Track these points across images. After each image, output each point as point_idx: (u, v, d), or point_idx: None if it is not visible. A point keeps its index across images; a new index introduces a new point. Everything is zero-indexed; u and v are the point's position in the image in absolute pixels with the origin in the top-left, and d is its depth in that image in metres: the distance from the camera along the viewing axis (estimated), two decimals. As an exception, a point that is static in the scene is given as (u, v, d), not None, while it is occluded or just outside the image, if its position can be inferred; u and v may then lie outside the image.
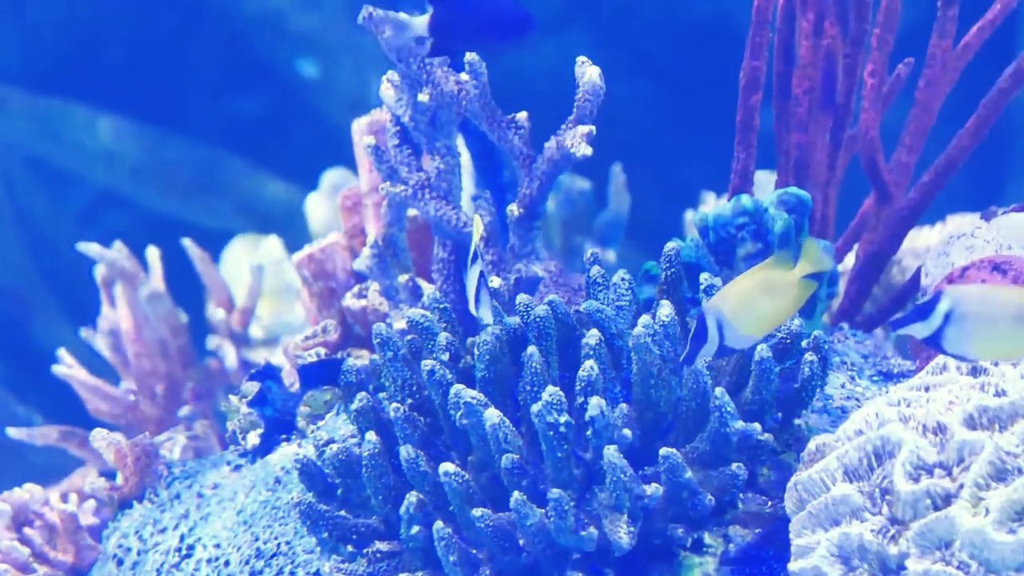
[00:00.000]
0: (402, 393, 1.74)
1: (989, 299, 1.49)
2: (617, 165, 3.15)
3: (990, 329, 1.48)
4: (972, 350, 1.49)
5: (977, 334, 1.48)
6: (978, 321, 1.48)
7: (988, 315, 1.48)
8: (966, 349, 1.49)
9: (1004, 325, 1.48)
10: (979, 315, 1.48)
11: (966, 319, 1.49)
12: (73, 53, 4.40)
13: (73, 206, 4.47)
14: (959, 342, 1.48)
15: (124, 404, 2.73)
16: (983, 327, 1.48)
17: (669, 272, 1.80)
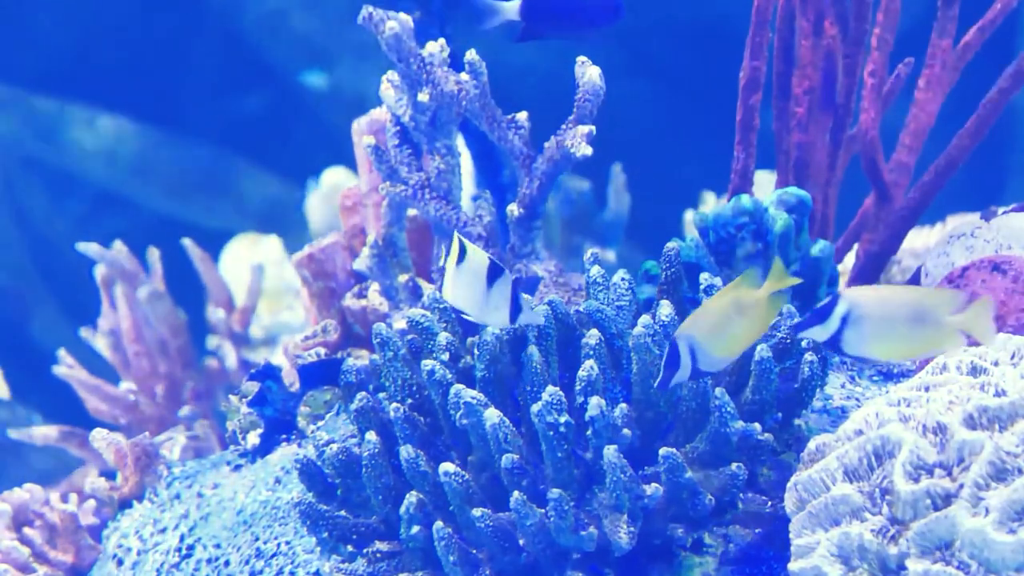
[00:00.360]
0: (402, 393, 1.74)
1: (885, 301, 1.52)
2: (617, 165, 3.15)
3: (887, 330, 1.51)
4: (870, 351, 1.52)
5: (874, 336, 1.51)
6: (874, 323, 1.51)
7: (884, 317, 1.51)
8: (864, 350, 1.52)
9: (900, 326, 1.51)
10: (875, 317, 1.51)
11: (863, 321, 1.51)
12: (73, 53, 4.40)
13: (73, 206, 4.47)
14: (857, 344, 1.51)
15: (124, 404, 2.73)
16: (880, 329, 1.51)
17: (669, 272, 1.80)
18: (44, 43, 4.41)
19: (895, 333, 1.51)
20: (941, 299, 1.52)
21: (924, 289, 1.54)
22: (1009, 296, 1.84)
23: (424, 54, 1.96)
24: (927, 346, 1.52)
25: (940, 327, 1.51)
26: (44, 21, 4.39)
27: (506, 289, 1.63)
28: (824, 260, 1.94)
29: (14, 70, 4.35)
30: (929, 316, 1.51)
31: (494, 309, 1.63)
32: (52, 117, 4.29)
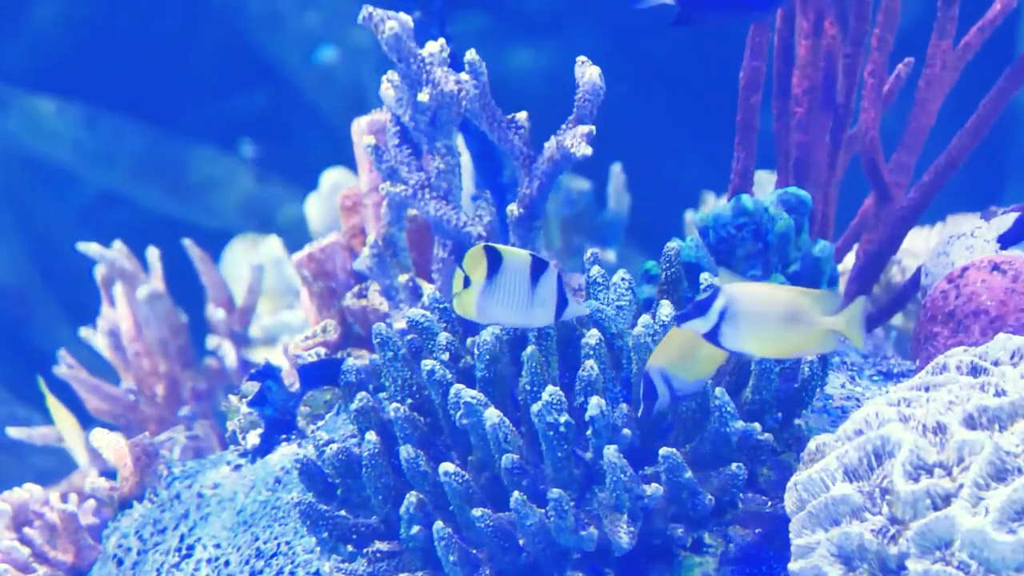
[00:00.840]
0: (402, 393, 1.74)
1: (762, 298, 1.55)
2: (617, 165, 3.15)
3: (761, 327, 1.54)
4: (745, 346, 1.55)
5: (748, 331, 1.54)
6: (749, 319, 1.54)
7: (758, 314, 1.54)
8: (740, 345, 1.55)
9: (775, 324, 1.54)
10: (750, 313, 1.54)
11: (739, 317, 1.54)
12: (73, 53, 4.40)
13: (73, 206, 4.47)
14: (733, 339, 1.54)
15: (124, 404, 2.73)
16: (755, 325, 1.54)
17: (669, 272, 1.80)
18: (44, 43, 4.41)
19: (769, 331, 1.55)
20: (816, 300, 1.55)
21: (802, 289, 1.58)
22: (1009, 296, 1.84)
23: (424, 54, 1.96)
24: (800, 345, 1.56)
25: (813, 327, 1.54)
26: (45, 21, 4.39)
27: (552, 283, 1.60)
28: (824, 260, 1.94)
29: (14, 70, 4.35)
30: (803, 316, 1.55)
31: (540, 307, 1.61)
32: (52, 117, 4.29)
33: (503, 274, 1.60)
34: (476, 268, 1.60)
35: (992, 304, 1.84)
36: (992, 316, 1.83)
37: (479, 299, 1.60)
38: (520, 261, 1.60)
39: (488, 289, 1.60)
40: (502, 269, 1.59)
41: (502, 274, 1.60)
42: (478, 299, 1.60)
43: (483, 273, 1.59)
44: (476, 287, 1.59)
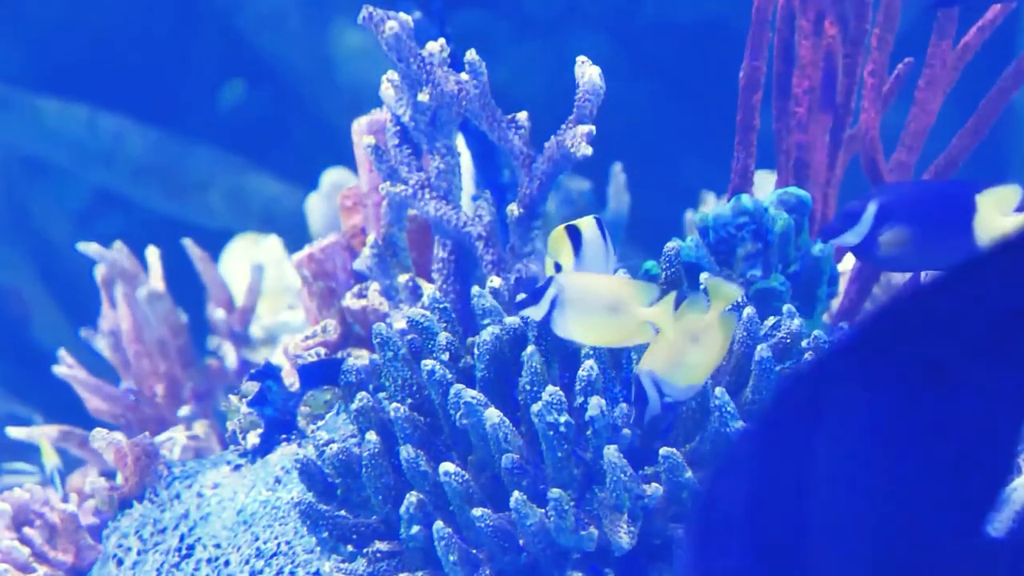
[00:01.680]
0: (402, 393, 1.74)
1: (588, 288, 1.58)
2: (617, 165, 3.15)
3: (587, 316, 1.58)
4: (573, 335, 1.59)
5: (575, 321, 1.58)
6: (576, 308, 1.57)
7: (585, 303, 1.57)
8: (569, 333, 1.59)
9: (598, 314, 1.57)
10: (577, 302, 1.57)
11: (567, 305, 1.57)
12: (73, 53, 4.40)
13: (73, 206, 4.47)
14: (563, 327, 1.58)
15: (124, 404, 2.73)
16: (581, 314, 1.57)
17: (669, 272, 1.80)
18: (44, 43, 4.41)
19: (593, 320, 1.58)
20: (636, 291, 1.58)
21: (626, 280, 1.61)
22: (1009, 296, 1.84)
23: (424, 54, 1.96)
24: (621, 336, 1.59)
25: (632, 319, 1.57)
26: (44, 21, 4.39)
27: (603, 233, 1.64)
28: (824, 260, 1.94)
29: (14, 70, 4.35)
30: (624, 307, 1.57)
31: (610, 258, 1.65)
32: (52, 117, 4.29)
33: (586, 249, 1.62)
34: (563, 251, 1.62)
35: (992, 304, 1.84)
36: (992, 316, 1.83)
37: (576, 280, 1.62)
38: (593, 232, 1.63)
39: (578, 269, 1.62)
40: (584, 245, 1.62)
41: (585, 249, 1.62)
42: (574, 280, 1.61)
43: (571, 255, 1.62)
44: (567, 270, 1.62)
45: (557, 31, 4.23)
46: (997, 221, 1.51)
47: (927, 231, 1.53)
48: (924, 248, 1.53)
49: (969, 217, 1.51)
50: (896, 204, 1.54)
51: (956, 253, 1.53)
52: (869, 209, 1.53)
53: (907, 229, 1.53)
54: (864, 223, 1.53)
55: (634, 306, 1.56)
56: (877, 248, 1.53)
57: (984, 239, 1.51)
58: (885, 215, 1.53)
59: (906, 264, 1.57)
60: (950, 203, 1.53)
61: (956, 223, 1.51)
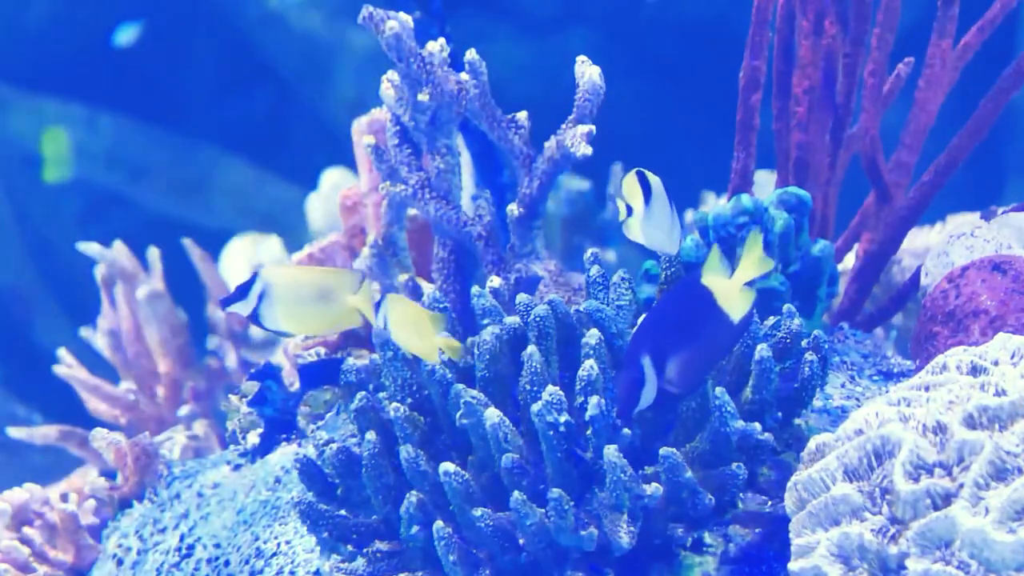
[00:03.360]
0: (402, 393, 1.74)
1: (296, 280, 1.65)
2: (617, 165, 3.15)
3: (296, 307, 1.65)
4: (283, 326, 1.66)
5: (284, 312, 1.65)
6: (285, 300, 1.64)
7: (294, 294, 1.64)
8: (278, 325, 1.65)
9: (308, 303, 1.65)
10: (286, 294, 1.64)
11: (275, 298, 1.64)
12: (73, 53, 4.40)
13: (73, 206, 4.47)
14: (272, 319, 1.64)
15: (124, 404, 2.73)
16: (290, 305, 1.64)
17: (669, 272, 1.80)
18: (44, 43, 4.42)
19: (303, 309, 1.65)
20: (343, 279, 1.66)
21: (331, 269, 1.71)
22: (1009, 296, 1.84)
23: (424, 54, 1.96)
24: (331, 322, 1.68)
25: (341, 306, 1.66)
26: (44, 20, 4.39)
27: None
28: (824, 259, 1.94)
29: (14, 70, 4.35)
30: (333, 295, 1.65)
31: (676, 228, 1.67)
32: (53, 117, 4.29)
33: (655, 195, 1.64)
34: (635, 196, 1.64)
35: (992, 304, 1.84)
36: (992, 316, 1.83)
37: (643, 224, 1.64)
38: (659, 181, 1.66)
39: (648, 213, 1.64)
40: (653, 194, 1.64)
41: (654, 195, 1.64)
42: (642, 224, 1.63)
43: (642, 200, 1.63)
44: (639, 214, 1.63)
45: (557, 30, 4.23)
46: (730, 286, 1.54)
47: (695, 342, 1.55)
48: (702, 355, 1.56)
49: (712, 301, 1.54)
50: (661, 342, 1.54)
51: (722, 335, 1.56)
52: (646, 364, 1.54)
53: (682, 354, 1.55)
54: (650, 379, 1.54)
55: (343, 293, 1.65)
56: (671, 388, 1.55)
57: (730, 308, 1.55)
58: (660, 360, 1.54)
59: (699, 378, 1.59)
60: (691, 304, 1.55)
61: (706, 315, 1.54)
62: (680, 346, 1.55)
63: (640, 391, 1.54)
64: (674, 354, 1.55)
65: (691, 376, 1.57)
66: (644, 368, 1.54)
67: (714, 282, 1.56)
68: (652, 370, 1.54)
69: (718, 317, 1.56)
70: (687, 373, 1.56)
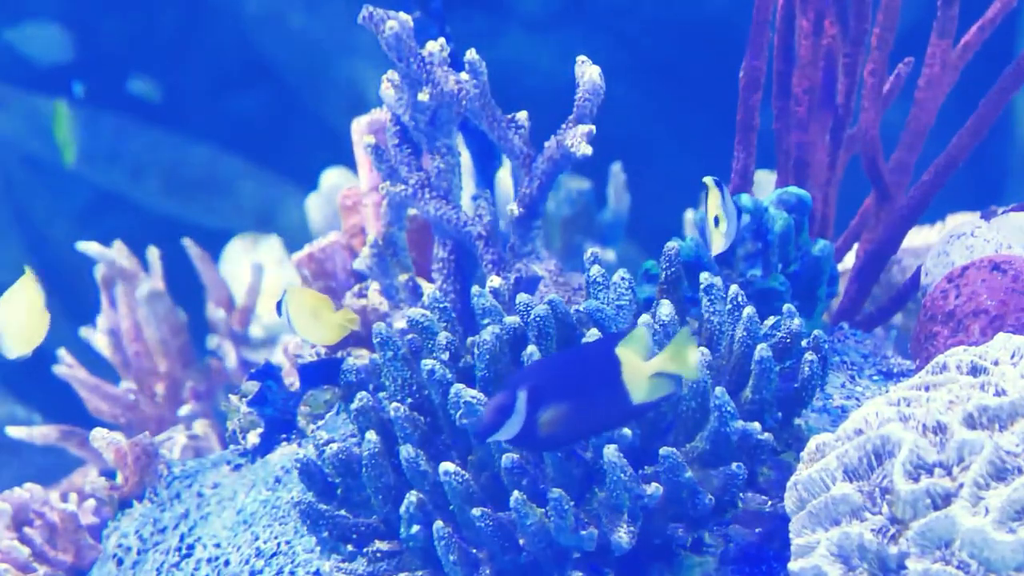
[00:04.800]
0: (402, 392, 1.74)
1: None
2: (617, 165, 3.15)
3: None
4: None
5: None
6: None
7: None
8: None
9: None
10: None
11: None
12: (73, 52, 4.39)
13: (73, 206, 4.47)
14: None
15: (124, 404, 2.73)
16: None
17: (669, 271, 1.80)
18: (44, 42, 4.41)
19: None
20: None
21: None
22: (1009, 296, 1.84)
23: (424, 53, 1.96)
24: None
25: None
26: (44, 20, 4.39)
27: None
28: (824, 259, 1.94)
29: (14, 69, 4.35)
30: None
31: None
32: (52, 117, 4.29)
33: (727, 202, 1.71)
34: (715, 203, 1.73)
35: (992, 304, 1.84)
36: (992, 316, 1.83)
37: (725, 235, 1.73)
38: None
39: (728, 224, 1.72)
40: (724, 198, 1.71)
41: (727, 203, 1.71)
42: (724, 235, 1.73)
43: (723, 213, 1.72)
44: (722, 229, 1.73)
45: (557, 30, 4.23)
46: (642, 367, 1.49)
47: (581, 401, 1.51)
48: (584, 416, 1.50)
49: (616, 372, 1.50)
50: (544, 385, 1.50)
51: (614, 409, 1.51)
52: (520, 398, 1.50)
53: (562, 405, 1.50)
54: (519, 413, 1.49)
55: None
56: (539, 432, 1.50)
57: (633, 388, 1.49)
58: (537, 399, 1.49)
59: (571, 437, 1.55)
60: (594, 366, 1.51)
61: (605, 383, 1.49)
62: (562, 398, 1.49)
63: (504, 420, 1.49)
64: (553, 402, 1.49)
65: (562, 431, 1.50)
66: (517, 400, 1.48)
67: (628, 357, 1.50)
68: (524, 407, 1.49)
69: (616, 390, 1.50)
70: (559, 427, 1.50)
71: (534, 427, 1.49)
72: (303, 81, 4.39)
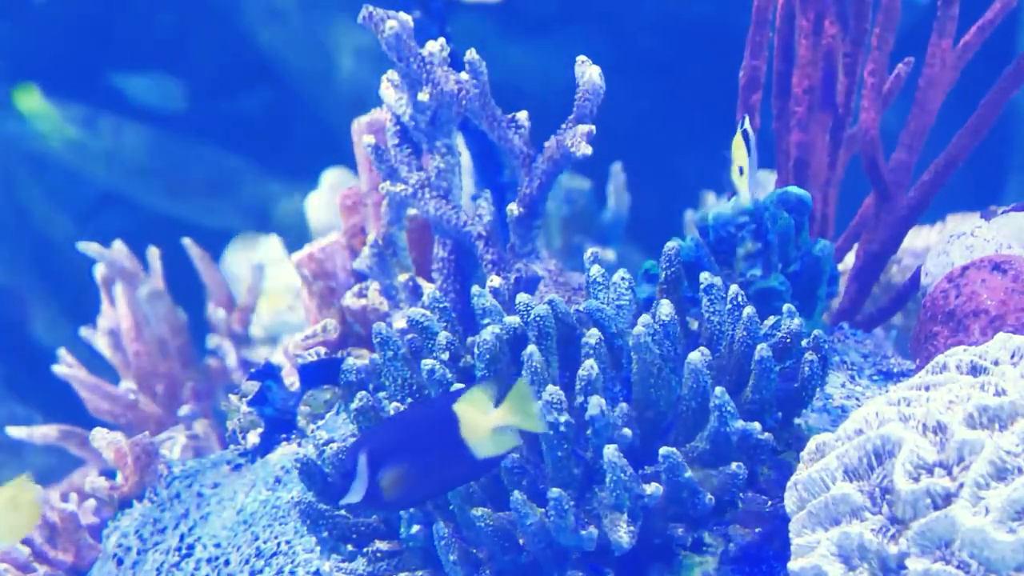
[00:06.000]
0: (402, 392, 1.74)
1: None
2: (617, 164, 3.15)
3: None
4: None
5: None
6: None
7: None
8: None
9: None
10: None
11: None
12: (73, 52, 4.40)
13: (73, 206, 4.47)
14: None
15: (124, 403, 2.73)
16: None
17: (669, 271, 1.80)
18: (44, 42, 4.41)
19: None
20: None
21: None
22: (1009, 296, 1.84)
23: (424, 53, 1.96)
24: None
25: None
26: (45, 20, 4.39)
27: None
28: (824, 259, 1.94)
29: (14, 69, 4.35)
30: None
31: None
32: (52, 117, 4.29)
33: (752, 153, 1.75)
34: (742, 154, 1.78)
35: (992, 304, 1.84)
36: (992, 316, 1.83)
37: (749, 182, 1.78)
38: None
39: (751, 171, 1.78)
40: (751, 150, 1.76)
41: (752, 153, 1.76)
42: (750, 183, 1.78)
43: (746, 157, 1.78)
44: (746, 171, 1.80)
45: (557, 30, 4.23)
46: (482, 422, 1.49)
47: (422, 460, 1.51)
48: (427, 476, 1.52)
49: (455, 430, 1.50)
50: (384, 446, 1.50)
51: (458, 466, 1.52)
52: (361, 461, 1.51)
53: (402, 466, 1.52)
54: (361, 476, 1.51)
55: None
56: (382, 495, 1.52)
57: (474, 443, 1.49)
58: (376, 462, 1.51)
59: (417, 497, 1.56)
60: (433, 425, 1.52)
61: (445, 441, 1.50)
62: (400, 459, 1.51)
63: (349, 484, 1.52)
64: (391, 464, 1.51)
65: (405, 492, 1.52)
66: (358, 464, 1.51)
67: (466, 412, 1.50)
68: (365, 470, 1.51)
69: (457, 447, 1.50)
70: (401, 488, 1.52)
71: (377, 490, 1.51)
72: (303, 81, 4.39)
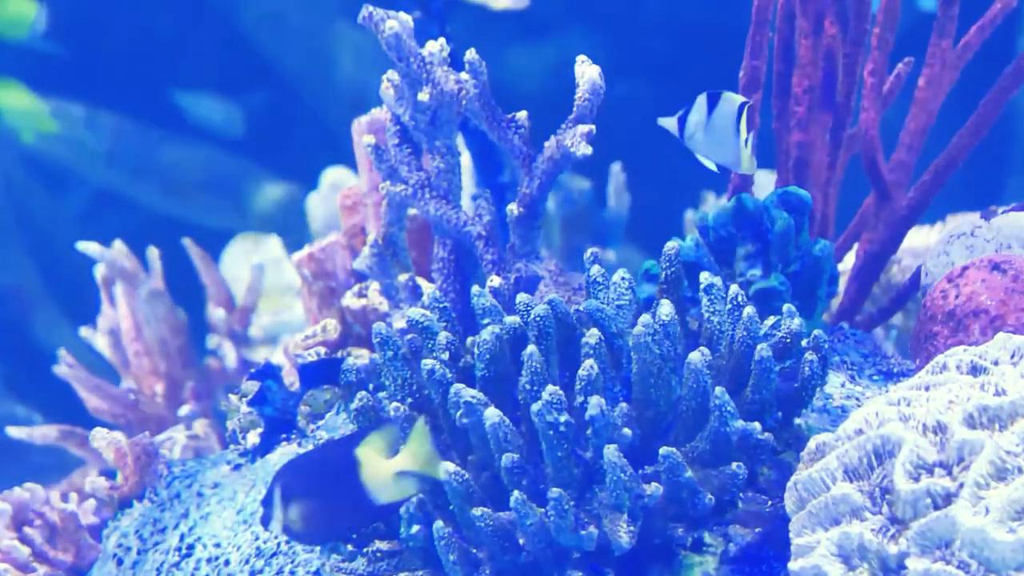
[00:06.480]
0: (402, 392, 1.74)
1: None
2: (617, 164, 3.15)
3: None
4: None
5: None
6: None
7: None
8: None
9: None
10: None
11: None
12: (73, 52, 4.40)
13: (73, 206, 4.47)
14: None
15: (124, 403, 2.73)
16: None
17: (669, 271, 1.80)
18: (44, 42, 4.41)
19: None
20: None
21: None
22: (1009, 296, 1.84)
23: (424, 53, 1.96)
24: None
25: None
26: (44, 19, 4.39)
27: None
28: (824, 259, 1.94)
29: (14, 69, 4.35)
30: None
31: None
32: (52, 117, 4.29)
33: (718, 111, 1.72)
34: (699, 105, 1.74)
35: (992, 304, 1.84)
36: (992, 316, 1.83)
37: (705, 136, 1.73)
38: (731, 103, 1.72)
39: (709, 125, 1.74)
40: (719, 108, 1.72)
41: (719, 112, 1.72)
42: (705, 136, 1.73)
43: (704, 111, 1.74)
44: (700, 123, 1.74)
45: (557, 30, 4.23)
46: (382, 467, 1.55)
47: (325, 500, 1.58)
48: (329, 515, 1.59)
49: (355, 472, 1.56)
50: (295, 483, 1.58)
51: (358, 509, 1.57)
52: (275, 494, 1.58)
53: (308, 503, 1.57)
54: (276, 508, 1.57)
55: None
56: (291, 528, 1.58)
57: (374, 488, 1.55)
58: (287, 496, 1.57)
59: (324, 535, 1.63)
60: (337, 465, 1.57)
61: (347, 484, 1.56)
62: (306, 496, 1.58)
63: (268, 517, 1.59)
64: (298, 501, 1.58)
65: (310, 528, 1.59)
66: (273, 496, 1.59)
67: (367, 457, 1.56)
68: (280, 504, 1.58)
69: (356, 491, 1.56)
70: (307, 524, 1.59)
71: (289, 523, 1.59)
72: (303, 81, 4.39)
